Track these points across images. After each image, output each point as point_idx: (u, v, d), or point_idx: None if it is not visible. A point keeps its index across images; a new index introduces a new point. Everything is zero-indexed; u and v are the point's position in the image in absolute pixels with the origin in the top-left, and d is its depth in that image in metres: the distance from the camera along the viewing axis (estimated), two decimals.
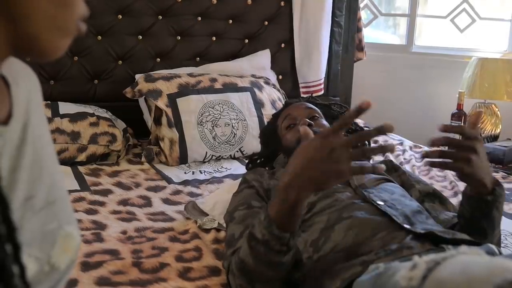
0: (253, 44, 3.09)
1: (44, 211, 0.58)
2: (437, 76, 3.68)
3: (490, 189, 1.30)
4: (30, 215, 0.56)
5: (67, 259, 0.59)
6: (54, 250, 0.58)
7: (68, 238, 0.60)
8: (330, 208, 1.39)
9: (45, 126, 0.65)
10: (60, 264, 0.58)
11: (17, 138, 0.56)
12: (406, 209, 1.37)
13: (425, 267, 0.84)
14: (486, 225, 1.34)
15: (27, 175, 0.56)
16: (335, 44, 3.30)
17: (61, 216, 0.61)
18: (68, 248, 0.60)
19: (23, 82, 0.62)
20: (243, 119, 2.59)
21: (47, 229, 0.58)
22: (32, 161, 0.57)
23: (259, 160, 1.89)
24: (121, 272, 1.40)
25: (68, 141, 2.36)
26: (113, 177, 2.22)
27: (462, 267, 0.81)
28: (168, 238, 1.67)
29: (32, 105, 0.61)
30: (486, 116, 3.21)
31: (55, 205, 0.60)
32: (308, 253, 1.32)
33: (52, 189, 0.60)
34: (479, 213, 1.33)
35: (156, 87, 2.59)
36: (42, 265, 0.56)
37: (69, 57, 2.72)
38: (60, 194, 0.62)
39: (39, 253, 0.56)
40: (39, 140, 0.60)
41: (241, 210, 1.46)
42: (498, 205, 1.33)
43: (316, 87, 3.18)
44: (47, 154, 0.61)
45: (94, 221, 1.78)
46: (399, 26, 4.15)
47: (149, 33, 2.86)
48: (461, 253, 0.86)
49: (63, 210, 0.62)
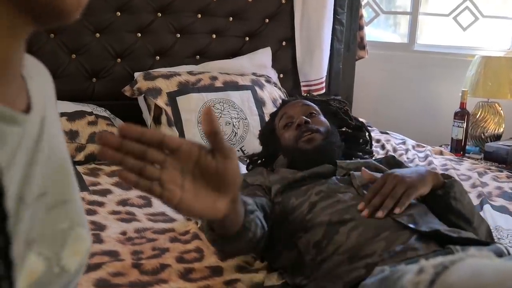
0: (254, 42, 3.06)
1: (57, 210, 0.57)
2: (440, 74, 3.65)
3: (441, 182, 1.40)
4: (42, 212, 0.54)
5: (76, 262, 0.58)
6: (64, 252, 0.56)
7: (79, 241, 0.59)
8: (332, 208, 1.36)
9: (59, 123, 0.63)
10: (70, 266, 0.56)
11: (36, 131, 0.54)
12: (409, 208, 1.34)
13: (432, 271, 0.81)
14: (455, 219, 1.38)
15: (42, 170, 0.54)
16: (336, 42, 3.27)
17: (73, 217, 0.59)
18: (78, 251, 0.58)
19: (37, 76, 0.60)
20: (244, 118, 2.55)
21: (58, 228, 0.56)
22: (47, 157, 0.55)
23: (260, 161, 1.86)
24: (121, 274, 1.36)
25: (66, 140, 2.30)
26: (112, 177, 2.18)
27: (472, 271, 0.77)
28: (169, 239, 1.63)
29: (48, 101, 0.60)
30: (489, 115, 3.17)
31: (68, 205, 0.59)
32: (311, 254, 1.29)
33: (65, 188, 0.59)
34: (440, 209, 1.38)
35: (155, 85, 2.55)
36: (51, 265, 0.54)
37: (66, 55, 2.68)
38: (73, 195, 0.61)
39: (49, 252, 0.54)
40: (54, 137, 0.58)
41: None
42: (454, 195, 1.39)
43: (317, 85, 3.15)
44: (61, 152, 0.60)
45: (93, 221, 1.74)
46: (400, 25, 4.12)
47: (148, 30, 2.82)
48: (470, 256, 0.82)
49: (75, 211, 0.60)
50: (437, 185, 1.39)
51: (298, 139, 1.62)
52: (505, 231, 1.79)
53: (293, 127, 1.66)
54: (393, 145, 2.86)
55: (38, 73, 0.61)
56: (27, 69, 0.57)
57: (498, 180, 2.39)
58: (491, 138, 3.15)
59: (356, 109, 3.53)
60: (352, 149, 1.78)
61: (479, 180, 2.36)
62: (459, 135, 3.03)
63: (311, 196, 1.43)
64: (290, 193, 1.48)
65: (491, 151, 2.89)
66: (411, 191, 1.32)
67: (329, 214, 1.34)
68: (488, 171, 2.53)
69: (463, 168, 2.57)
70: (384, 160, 1.71)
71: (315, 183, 1.48)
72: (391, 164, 1.66)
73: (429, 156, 2.72)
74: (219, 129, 0.80)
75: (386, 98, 3.86)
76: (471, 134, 3.15)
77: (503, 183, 2.34)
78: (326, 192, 1.42)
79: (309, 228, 1.34)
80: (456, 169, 2.53)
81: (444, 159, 2.74)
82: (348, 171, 1.54)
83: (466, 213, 1.39)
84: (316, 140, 1.61)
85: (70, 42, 2.67)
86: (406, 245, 1.19)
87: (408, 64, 3.79)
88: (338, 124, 1.79)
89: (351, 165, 1.57)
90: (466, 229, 1.36)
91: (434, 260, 0.83)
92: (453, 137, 3.04)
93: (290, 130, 1.67)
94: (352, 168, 1.56)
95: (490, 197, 2.15)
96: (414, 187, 1.33)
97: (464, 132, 3.02)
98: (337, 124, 1.78)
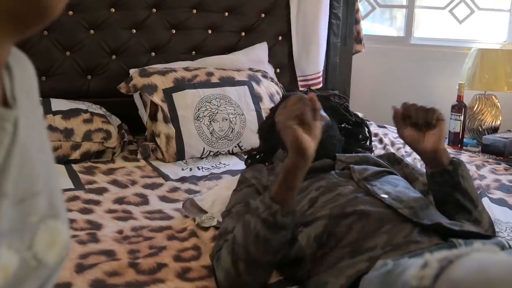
0: (250, 37, 3.04)
1: (27, 202, 0.55)
2: (437, 67, 3.63)
3: (449, 161, 1.38)
4: (10, 203, 0.52)
5: (55, 254, 0.56)
6: (38, 244, 0.55)
7: (54, 233, 0.57)
8: (333, 202, 1.35)
9: (39, 114, 0.62)
10: (47, 259, 0.55)
11: (13, 125, 0.52)
12: (411, 201, 1.34)
13: (437, 265, 0.79)
14: (462, 198, 1.37)
15: (16, 162, 0.53)
16: (333, 36, 3.25)
17: (45, 209, 0.57)
18: (54, 243, 0.57)
19: (19, 68, 0.58)
20: (241, 114, 2.53)
21: (28, 221, 0.55)
22: (20, 148, 0.54)
23: (258, 156, 1.85)
24: (117, 274, 1.35)
25: (61, 138, 2.29)
26: (108, 175, 2.17)
27: (478, 266, 0.76)
28: (166, 237, 1.62)
29: (30, 92, 0.58)
30: (486, 108, 3.16)
31: (39, 197, 0.57)
32: (312, 248, 1.28)
33: (37, 180, 0.57)
34: (447, 187, 1.37)
35: (151, 82, 2.53)
36: (24, 258, 0.53)
37: (61, 52, 2.65)
38: (47, 186, 0.59)
39: (20, 244, 0.53)
40: (29, 127, 0.57)
41: (239, 207, 1.45)
42: (462, 173, 1.37)
43: (314, 80, 3.13)
44: (32, 142, 0.58)
45: (89, 220, 1.73)
46: (396, 19, 4.10)
47: (143, 26, 2.80)
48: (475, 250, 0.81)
49: (49, 203, 0.58)
50: (447, 157, 1.39)
51: None
52: (504, 224, 1.78)
53: None
54: (390, 139, 2.84)
55: (19, 64, 0.59)
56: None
57: (496, 173, 2.38)
58: (488, 130, 3.14)
59: (353, 103, 3.51)
60: (351, 145, 1.77)
61: (477, 173, 2.35)
62: (457, 128, 3.02)
63: (311, 191, 1.42)
64: None
65: (489, 144, 2.88)
66: (441, 116, 1.39)
67: (330, 208, 1.33)
68: (486, 164, 2.52)
69: None
70: (385, 156, 1.70)
71: (314, 178, 1.47)
72: (392, 161, 1.66)
73: None
74: None
75: (383, 91, 3.84)
76: (468, 127, 3.14)
77: (501, 176, 2.33)
78: (326, 187, 1.41)
79: (310, 222, 1.33)
80: None
81: None
82: (347, 164, 1.53)
83: (473, 193, 1.38)
84: None
85: (64, 39, 2.65)
86: (408, 238, 1.18)
87: (404, 58, 3.78)
88: (338, 119, 1.78)
89: (350, 159, 1.56)
90: (472, 211, 1.36)
91: (438, 254, 0.82)
92: (450, 130, 3.03)
93: None
94: (351, 161, 1.55)
95: (489, 190, 2.14)
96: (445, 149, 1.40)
97: (462, 125, 3.02)
98: (337, 119, 1.77)
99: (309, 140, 1.15)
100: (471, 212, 1.36)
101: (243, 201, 1.47)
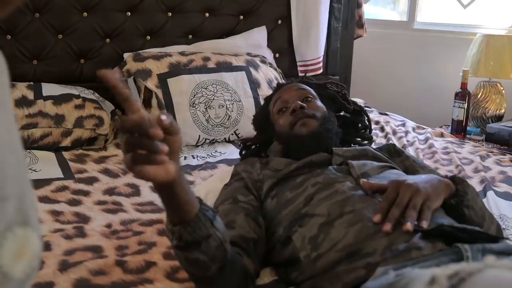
0: (249, 20, 2.95)
1: None
2: (440, 53, 3.54)
3: (453, 191, 1.28)
4: None
5: (23, 266, 0.51)
6: (3, 256, 0.49)
7: (22, 242, 0.52)
8: (329, 200, 1.27)
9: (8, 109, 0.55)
10: (14, 272, 0.50)
11: None
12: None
13: (447, 283, 0.71)
14: (469, 225, 1.24)
15: None
16: (334, 21, 3.16)
17: (12, 216, 0.51)
18: (22, 254, 0.51)
19: None
20: (238, 100, 2.45)
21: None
22: None
23: (254, 146, 1.78)
24: (103, 273, 1.28)
25: (52, 125, 2.22)
26: (99, 163, 2.10)
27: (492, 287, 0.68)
28: (156, 231, 1.55)
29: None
30: (490, 95, 3.08)
31: (7, 203, 0.51)
32: (306, 250, 1.21)
33: (5, 183, 0.51)
34: (451, 217, 1.25)
35: (145, 66, 2.45)
36: None
37: (53, 35, 2.57)
38: (17, 191, 0.53)
39: None
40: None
41: (226, 205, 1.37)
42: (467, 204, 1.28)
43: (314, 65, 3.05)
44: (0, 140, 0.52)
45: (76, 213, 1.66)
46: (399, 2, 4.01)
47: (138, 9, 2.71)
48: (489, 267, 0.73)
49: (18, 208, 0.52)
50: (450, 195, 1.28)
51: (293, 125, 1.54)
52: (510, 220, 1.71)
53: (287, 112, 1.58)
54: (392, 127, 2.77)
55: None
56: None
57: (501, 164, 2.31)
58: (492, 118, 3.06)
59: (354, 89, 3.44)
60: (350, 135, 1.70)
61: (481, 164, 2.27)
62: (460, 115, 2.93)
63: (307, 188, 1.34)
64: (284, 186, 1.40)
65: (493, 133, 2.80)
66: (430, 204, 1.20)
67: (327, 206, 1.26)
68: (490, 154, 2.45)
69: (464, 151, 2.48)
70: (385, 148, 1.62)
71: (310, 174, 1.40)
72: (391, 153, 1.59)
73: (429, 138, 2.63)
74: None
75: (385, 77, 3.76)
76: (472, 115, 3.07)
77: (507, 167, 2.26)
78: (323, 183, 1.34)
79: (305, 222, 1.26)
80: (457, 153, 2.44)
81: (445, 142, 2.65)
82: (344, 159, 1.46)
83: (478, 219, 1.30)
84: (312, 126, 1.52)
85: (56, 22, 2.57)
86: (409, 244, 1.10)
87: (407, 43, 3.69)
88: (335, 108, 1.71)
89: (347, 153, 1.49)
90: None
91: (447, 269, 0.74)
92: (453, 118, 2.95)
93: (285, 115, 1.59)
94: (349, 156, 1.48)
95: (494, 183, 2.06)
96: (431, 199, 1.21)
97: (465, 112, 2.93)
98: (334, 108, 1.70)
99: (152, 172, 0.88)
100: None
101: (231, 197, 1.40)
